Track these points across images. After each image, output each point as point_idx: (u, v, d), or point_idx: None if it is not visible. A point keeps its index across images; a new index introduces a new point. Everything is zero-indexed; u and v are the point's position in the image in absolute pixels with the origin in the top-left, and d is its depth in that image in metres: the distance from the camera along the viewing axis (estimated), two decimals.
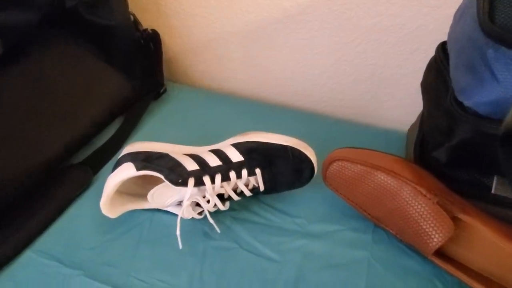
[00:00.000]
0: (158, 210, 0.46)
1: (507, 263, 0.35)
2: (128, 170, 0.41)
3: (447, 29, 0.41)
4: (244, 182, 0.41)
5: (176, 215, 0.44)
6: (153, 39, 0.63)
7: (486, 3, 0.30)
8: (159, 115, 0.61)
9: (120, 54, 0.59)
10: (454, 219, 0.35)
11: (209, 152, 0.41)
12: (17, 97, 0.45)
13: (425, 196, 0.36)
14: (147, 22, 0.65)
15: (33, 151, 0.45)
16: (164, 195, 0.41)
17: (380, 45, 0.54)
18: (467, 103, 0.33)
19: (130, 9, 0.58)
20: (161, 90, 0.64)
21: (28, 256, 0.41)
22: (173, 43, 0.68)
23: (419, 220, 0.36)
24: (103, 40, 0.55)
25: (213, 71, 0.69)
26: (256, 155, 0.40)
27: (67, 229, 0.44)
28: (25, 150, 0.44)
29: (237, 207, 0.46)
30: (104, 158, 0.53)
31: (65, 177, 0.48)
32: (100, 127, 0.55)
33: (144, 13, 0.65)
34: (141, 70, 0.63)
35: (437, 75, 0.41)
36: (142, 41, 0.62)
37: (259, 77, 0.66)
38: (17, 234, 0.41)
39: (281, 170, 0.41)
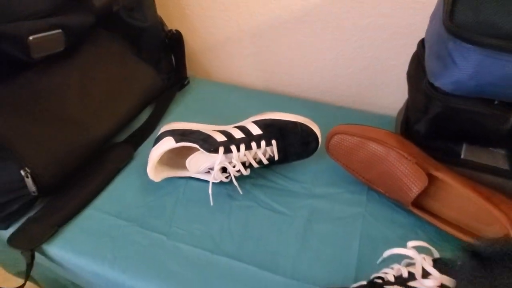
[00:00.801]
0: (190, 178, 0.55)
1: (472, 211, 0.45)
2: (168, 142, 0.50)
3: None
4: (262, 152, 0.50)
5: (206, 181, 0.54)
6: (177, 38, 0.72)
7: (449, 7, 0.39)
8: (183, 104, 0.71)
9: (150, 51, 0.68)
10: (430, 176, 0.45)
11: (234, 128, 0.51)
12: (72, 85, 0.54)
13: (406, 158, 0.45)
14: (172, 23, 0.75)
15: (87, 130, 0.54)
16: (198, 162, 0.51)
17: (374, 41, 0.64)
18: (436, 83, 0.43)
19: (158, 12, 0.68)
20: (185, 83, 0.74)
21: (90, 212, 0.50)
22: (193, 42, 0.78)
23: (402, 177, 0.45)
24: (137, 39, 0.65)
25: (228, 66, 0.79)
26: (272, 129, 0.50)
27: (117, 193, 0.53)
28: (80, 130, 0.54)
29: (254, 176, 0.55)
30: (142, 138, 0.62)
31: (112, 153, 0.57)
32: (136, 112, 0.65)
33: (170, 16, 0.75)
34: (166, 65, 0.73)
35: (418, 65, 0.51)
36: (166, 40, 0.71)
37: (268, 71, 0.76)
38: (80, 195, 0.51)
39: (292, 141, 0.51)
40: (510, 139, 0.44)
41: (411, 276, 0.36)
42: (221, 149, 0.48)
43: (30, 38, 0.45)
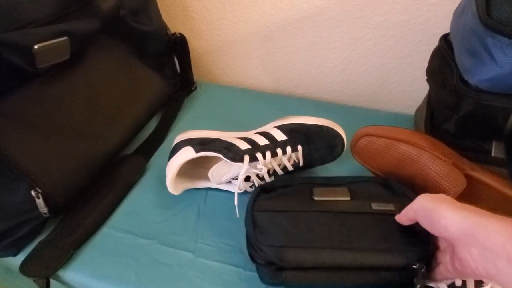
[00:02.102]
0: (209, 188, 0.52)
1: (508, 210, 0.44)
2: (188, 153, 0.48)
3: (445, 23, 0.49)
4: (287, 158, 0.48)
5: (226, 191, 0.51)
6: (181, 42, 0.69)
7: (483, 2, 0.38)
8: (192, 110, 0.68)
9: (154, 56, 0.65)
10: (466, 176, 0.43)
11: (256, 134, 0.49)
12: (79, 95, 0.51)
13: (441, 159, 0.44)
14: (175, 27, 0.72)
15: (96, 142, 0.51)
16: (221, 172, 0.48)
17: (388, 39, 0.62)
18: (471, 81, 0.41)
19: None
20: (193, 88, 0.71)
21: (106, 231, 0.47)
22: (198, 45, 0.75)
23: (437, 179, 0.44)
24: (141, 44, 0.62)
25: (235, 68, 0.76)
26: (297, 134, 0.48)
27: (134, 208, 0.50)
28: (90, 141, 0.50)
29: None
30: (152, 148, 0.59)
31: (124, 166, 0.54)
32: (145, 121, 0.62)
33: (173, 19, 0.72)
34: (170, 70, 0.69)
35: (442, 61, 0.50)
36: (170, 44, 0.68)
37: (278, 73, 0.74)
38: (94, 212, 0.47)
39: (318, 146, 0.49)
40: None
41: (464, 285, 0.34)
42: (247, 157, 0.45)
43: (36, 47, 0.42)
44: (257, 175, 0.48)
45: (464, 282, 0.34)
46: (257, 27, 0.68)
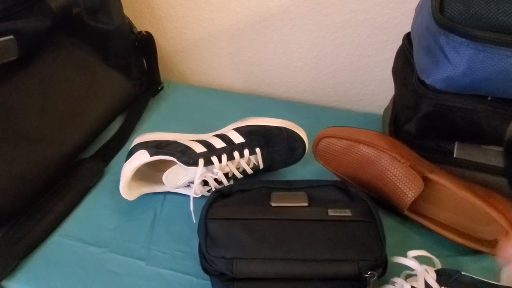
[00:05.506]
0: (168, 192, 0.51)
1: (468, 212, 0.43)
2: (142, 156, 0.46)
3: (410, 21, 0.48)
4: (245, 161, 0.46)
5: (185, 196, 0.50)
6: (147, 40, 0.67)
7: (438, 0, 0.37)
8: (158, 111, 0.66)
9: (118, 56, 0.63)
10: (424, 178, 0.42)
11: (214, 137, 0.47)
12: (32, 97, 0.48)
13: (399, 161, 0.43)
14: (142, 25, 0.70)
15: (50, 146, 0.49)
16: (177, 176, 0.46)
17: (355, 38, 0.61)
18: (427, 81, 0.40)
19: (125, 13, 0.62)
20: (159, 88, 0.69)
21: (56, 239, 0.45)
22: (166, 44, 0.73)
23: (395, 181, 0.43)
24: (103, 43, 0.60)
25: (204, 68, 0.75)
26: (256, 136, 0.46)
27: (87, 214, 0.48)
28: (43, 146, 0.48)
29: None
30: (112, 151, 0.57)
31: (80, 170, 0.52)
32: (106, 123, 0.59)
33: (139, 17, 0.69)
34: (138, 70, 0.67)
35: (404, 60, 0.49)
36: (136, 43, 0.66)
37: (247, 72, 0.72)
38: (45, 220, 0.45)
39: (278, 148, 0.47)
40: (503, 136, 0.42)
41: None
42: (201, 161, 0.44)
43: None
44: (215, 179, 0.46)
45: None
46: (224, 26, 0.66)
